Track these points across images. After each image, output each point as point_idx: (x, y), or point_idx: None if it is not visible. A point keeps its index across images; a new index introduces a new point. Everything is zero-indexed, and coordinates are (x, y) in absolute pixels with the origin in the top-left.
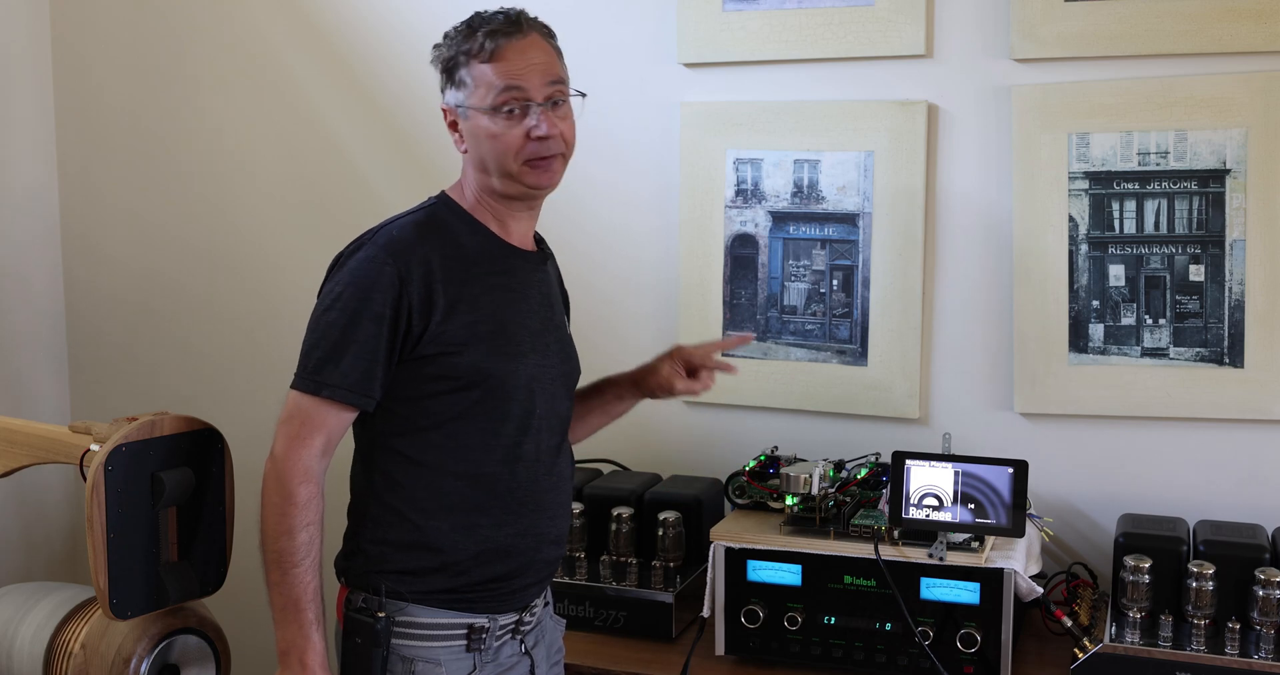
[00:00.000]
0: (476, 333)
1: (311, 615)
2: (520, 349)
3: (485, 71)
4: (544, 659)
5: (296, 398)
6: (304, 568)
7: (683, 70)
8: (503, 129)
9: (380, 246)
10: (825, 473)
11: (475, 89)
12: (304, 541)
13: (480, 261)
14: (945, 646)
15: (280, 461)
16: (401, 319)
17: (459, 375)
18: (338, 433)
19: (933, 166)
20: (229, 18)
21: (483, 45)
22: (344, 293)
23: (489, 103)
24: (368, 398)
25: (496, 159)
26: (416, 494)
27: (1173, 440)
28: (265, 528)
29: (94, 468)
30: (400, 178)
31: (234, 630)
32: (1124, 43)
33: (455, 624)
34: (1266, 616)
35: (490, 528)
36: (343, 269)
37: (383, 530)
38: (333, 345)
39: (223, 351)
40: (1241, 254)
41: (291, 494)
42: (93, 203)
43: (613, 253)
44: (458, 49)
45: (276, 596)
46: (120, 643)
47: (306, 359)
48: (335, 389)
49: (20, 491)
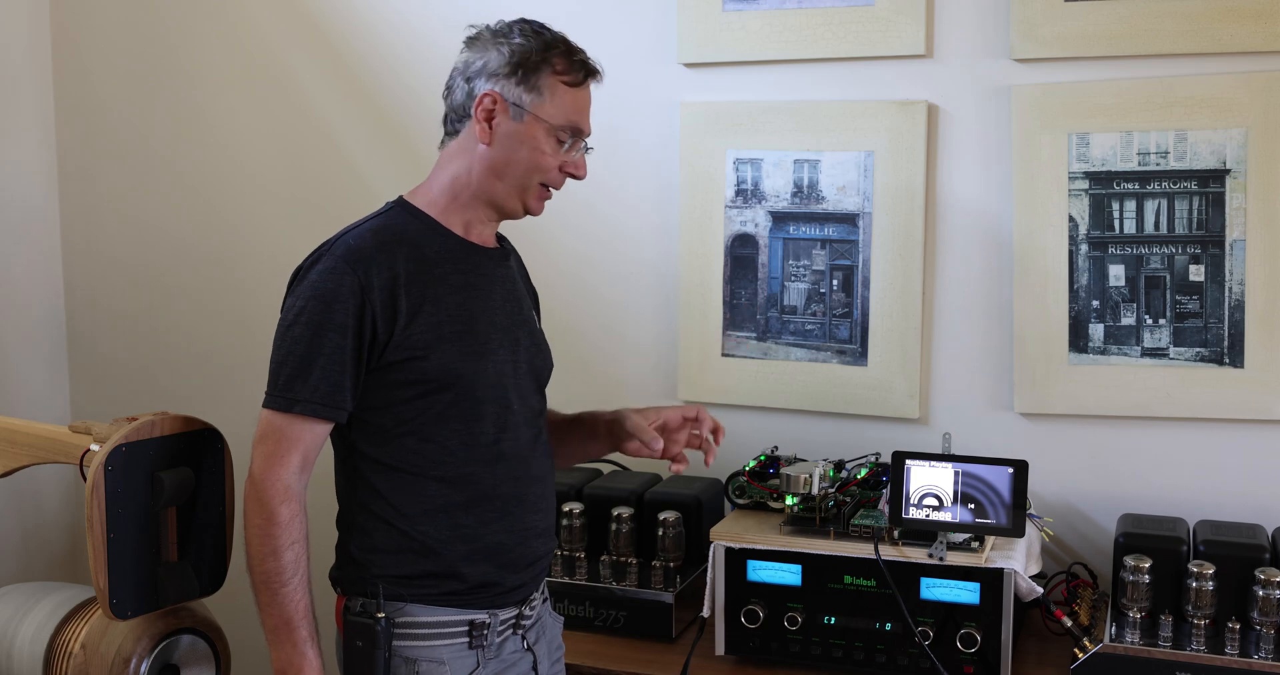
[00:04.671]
0: (443, 334)
1: (305, 633)
2: (489, 346)
3: (566, 94)
4: (545, 655)
5: (269, 416)
6: (293, 586)
7: (683, 70)
8: (551, 152)
9: (339, 257)
10: (825, 473)
11: (549, 103)
12: (290, 560)
13: (441, 262)
14: (945, 646)
15: (259, 482)
16: (366, 328)
17: (429, 379)
18: (314, 448)
19: (933, 166)
20: (229, 19)
21: (575, 70)
22: (306, 306)
23: (558, 123)
24: (339, 409)
25: (524, 173)
26: (400, 500)
27: (1173, 440)
28: (250, 550)
29: (94, 468)
30: (401, 178)
31: (234, 630)
32: (1124, 43)
33: (456, 621)
34: (1266, 616)
35: (477, 526)
36: (303, 282)
37: (371, 538)
38: (300, 360)
39: (222, 352)
40: (1241, 254)
41: (273, 514)
42: (92, 203)
43: (613, 252)
44: (541, 55)
45: (268, 618)
46: (120, 643)
47: (276, 376)
48: (307, 404)
49: (20, 491)
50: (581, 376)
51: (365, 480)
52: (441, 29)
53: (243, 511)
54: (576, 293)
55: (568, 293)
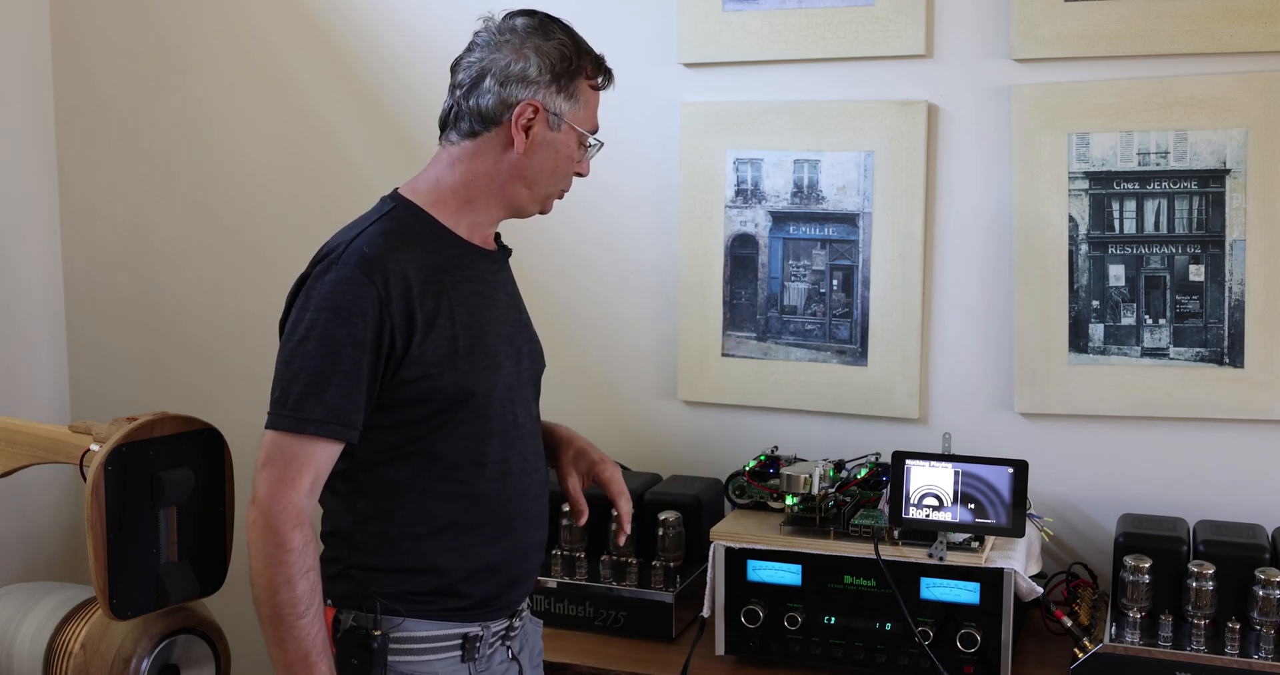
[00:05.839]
0: (455, 349)
1: (325, 668)
2: (498, 360)
3: (593, 100)
4: (528, 662)
5: (276, 437)
6: (309, 618)
7: (683, 70)
8: (579, 159)
9: (353, 266)
10: (825, 473)
11: (583, 111)
12: (305, 590)
13: (451, 269)
14: (945, 646)
15: (267, 507)
16: (384, 342)
17: (442, 397)
18: (325, 470)
19: (933, 166)
20: (229, 19)
21: (600, 73)
22: (320, 319)
23: (587, 129)
24: (353, 429)
25: (553, 180)
26: (405, 518)
27: (1173, 440)
28: (259, 581)
29: (94, 468)
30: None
31: (234, 630)
32: (1124, 43)
33: (450, 635)
34: (1266, 616)
35: (481, 545)
36: (313, 293)
37: (370, 556)
38: (312, 377)
39: (222, 351)
40: (1241, 254)
41: (285, 540)
42: (92, 202)
43: (612, 253)
44: (577, 62)
45: (284, 653)
46: (120, 643)
47: (284, 395)
48: (321, 425)
49: (20, 491)
50: (581, 376)
51: (369, 496)
52: (441, 29)
53: (247, 541)
54: (576, 293)
55: (567, 293)
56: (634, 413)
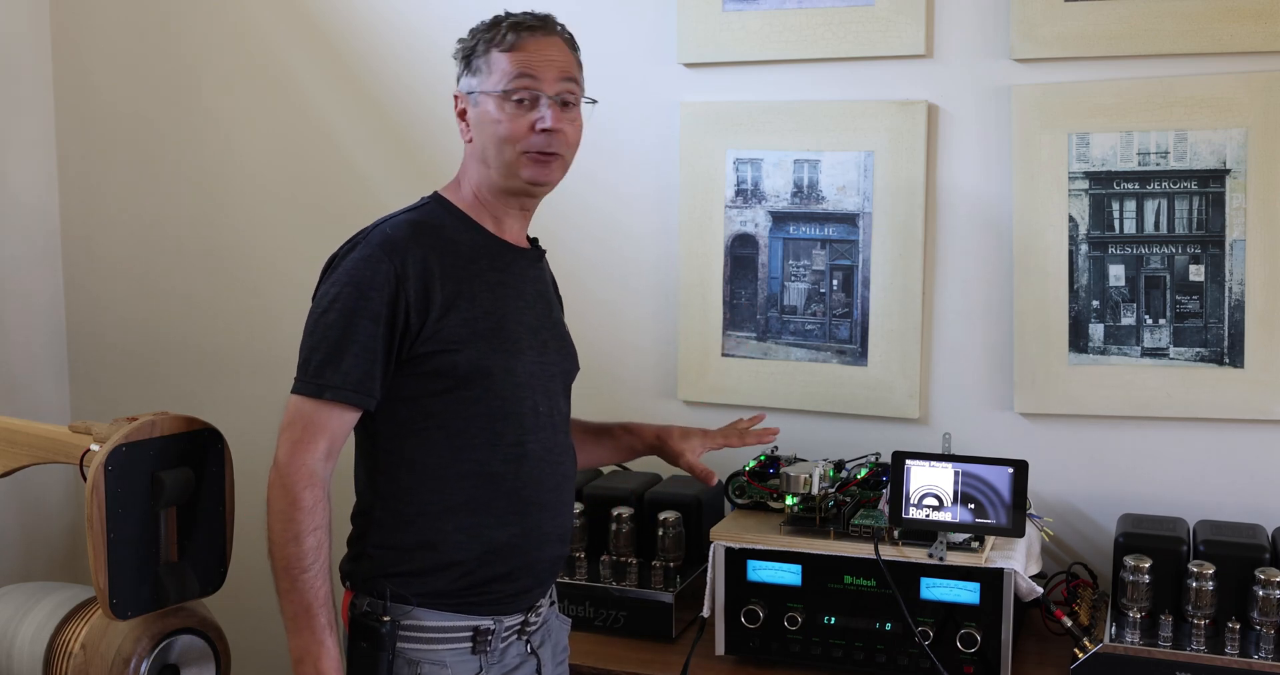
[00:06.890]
0: (475, 330)
1: (324, 620)
2: (519, 346)
3: (503, 59)
4: (550, 658)
5: (298, 402)
6: (313, 573)
7: (683, 70)
8: (510, 116)
9: (375, 245)
10: (825, 473)
11: (490, 75)
12: (311, 546)
13: (477, 258)
14: (945, 646)
15: (284, 467)
16: (399, 317)
17: (458, 373)
18: (341, 435)
19: (933, 166)
20: (229, 19)
21: (505, 35)
22: (341, 293)
23: (501, 87)
24: (369, 397)
25: (498, 147)
26: (421, 496)
27: (1173, 440)
28: (272, 536)
29: (94, 468)
30: (402, 179)
31: (234, 630)
32: (1124, 43)
33: (461, 627)
34: (1266, 616)
35: (494, 527)
36: (338, 270)
37: (387, 534)
38: (332, 346)
39: (222, 351)
40: (1241, 254)
41: (297, 499)
42: (92, 203)
43: (612, 253)
44: (480, 38)
45: (288, 604)
46: (120, 643)
47: (306, 363)
48: (338, 390)
49: (20, 491)
50: (581, 376)
51: (386, 474)
52: (441, 29)
53: (266, 499)
54: (576, 292)
55: (567, 292)
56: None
